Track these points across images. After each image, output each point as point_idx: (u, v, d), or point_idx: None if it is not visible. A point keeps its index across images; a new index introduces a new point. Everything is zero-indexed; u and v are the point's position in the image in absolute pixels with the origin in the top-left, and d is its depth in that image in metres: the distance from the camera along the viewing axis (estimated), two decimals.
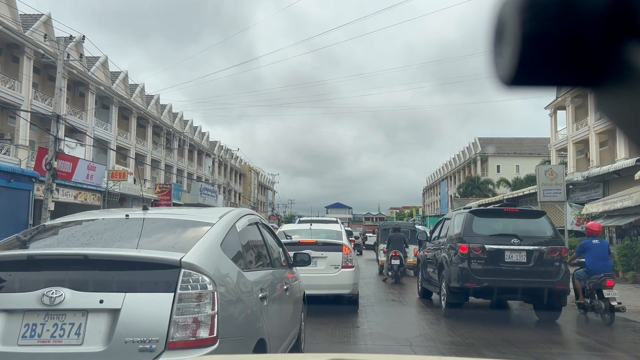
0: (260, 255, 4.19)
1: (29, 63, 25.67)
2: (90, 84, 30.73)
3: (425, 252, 10.89)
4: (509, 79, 0.47)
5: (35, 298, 2.60)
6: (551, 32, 0.45)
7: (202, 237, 3.10)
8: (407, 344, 6.50)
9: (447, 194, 62.25)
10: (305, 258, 5.29)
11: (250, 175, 69.22)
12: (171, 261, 2.72)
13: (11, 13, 24.35)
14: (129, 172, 31.06)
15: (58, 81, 17.81)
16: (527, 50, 0.45)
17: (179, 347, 2.58)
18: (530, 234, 8.43)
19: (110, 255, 2.86)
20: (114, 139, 33.56)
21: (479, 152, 56.69)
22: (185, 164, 47.09)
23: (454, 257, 8.49)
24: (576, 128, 33.18)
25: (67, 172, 21.37)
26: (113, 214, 3.88)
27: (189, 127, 49.15)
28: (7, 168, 13.49)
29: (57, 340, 2.57)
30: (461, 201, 34.60)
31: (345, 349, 6.20)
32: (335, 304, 8.49)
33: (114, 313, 2.58)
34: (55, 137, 17.31)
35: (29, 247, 3.01)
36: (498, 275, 8.12)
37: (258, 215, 4.84)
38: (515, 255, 8.14)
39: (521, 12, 0.45)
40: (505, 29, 0.47)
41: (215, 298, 2.71)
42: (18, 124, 24.81)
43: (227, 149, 60.63)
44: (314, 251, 7.71)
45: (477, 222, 8.63)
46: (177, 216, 3.81)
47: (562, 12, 0.44)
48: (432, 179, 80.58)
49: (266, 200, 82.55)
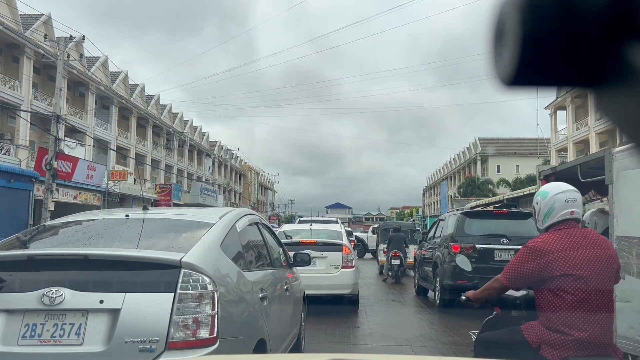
0: (260, 255, 4.19)
1: (29, 63, 25.68)
2: (90, 84, 30.73)
3: (422, 252, 11.31)
4: (509, 79, 0.47)
5: (36, 298, 2.60)
6: (551, 32, 0.45)
7: (202, 237, 3.10)
8: (407, 344, 6.50)
9: (447, 194, 62.24)
10: (305, 258, 5.29)
11: (250, 175, 69.23)
12: (171, 261, 2.72)
13: (11, 13, 24.36)
14: (129, 172, 31.07)
15: (58, 81, 17.81)
16: (527, 50, 0.45)
17: (179, 347, 2.58)
18: (519, 234, 8.84)
19: (110, 255, 2.86)
20: (114, 139, 33.56)
21: (479, 152, 56.70)
22: (185, 164, 47.10)
23: (447, 256, 8.96)
24: (576, 128, 33.20)
25: (67, 172, 21.37)
26: (113, 214, 3.88)
27: (189, 127, 49.16)
28: (7, 168, 13.49)
29: (57, 341, 2.58)
30: (461, 201, 34.58)
31: (345, 349, 6.20)
32: (335, 304, 8.50)
33: (114, 313, 2.58)
34: (55, 137, 17.31)
35: (29, 247, 3.01)
36: (488, 273, 8.39)
37: (258, 215, 4.84)
38: (504, 254, 8.65)
39: (521, 12, 0.45)
40: (505, 29, 0.47)
41: (215, 298, 2.71)
42: (18, 124, 24.82)
43: (227, 149, 60.64)
44: (314, 251, 7.70)
45: (468, 223, 9.18)
46: (177, 216, 3.81)
47: (562, 12, 0.44)
48: (432, 179, 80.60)
49: (266, 200, 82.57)
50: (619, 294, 4.21)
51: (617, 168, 4.22)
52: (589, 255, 2.51)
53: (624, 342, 4.13)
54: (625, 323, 4.10)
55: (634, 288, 3.99)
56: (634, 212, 4.01)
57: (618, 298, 4.23)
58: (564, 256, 2.49)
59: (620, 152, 4.22)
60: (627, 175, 4.10)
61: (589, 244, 2.55)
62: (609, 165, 4.33)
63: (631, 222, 4.03)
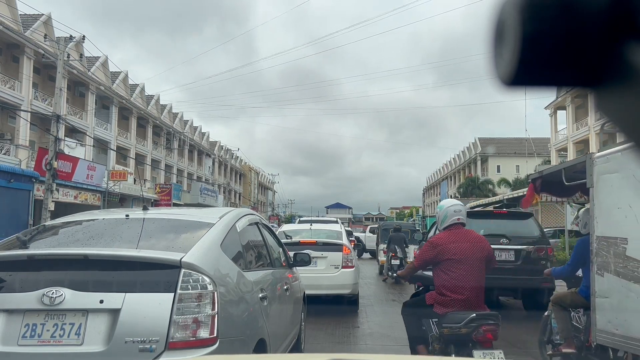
0: (260, 255, 4.19)
1: (29, 63, 25.68)
2: (90, 84, 30.73)
3: None
4: (509, 78, 0.47)
5: (36, 298, 2.60)
6: (551, 32, 0.45)
7: (202, 237, 3.10)
8: (407, 344, 6.48)
9: (447, 194, 62.20)
10: (305, 258, 5.29)
11: (250, 175, 69.23)
12: (171, 261, 2.72)
13: (11, 13, 24.36)
14: (129, 172, 31.06)
15: (58, 81, 17.81)
16: (527, 50, 0.45)
17: (179, 347, 2.58)
18: (518, 234, 8.85)
19: (110, 255, 2.86)
20: (114, 139, 33.56)
21: (479, 152, 56.69)
22: (185, 164, 47.10)
23: None
24: (576, 128, 33.21)
25: (67, 172, 21.36)
26: (113, 214, 3.88)
27: (189, 127, 49.15)
28: (7, 168, 13.48)
29: (57, 340, 2.58)
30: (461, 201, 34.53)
31: (345, 349, 6.20)
32: (335, 304, 8.49)
33: (114, 313, 2.58)
34: (55, 137, 17.31)
35: (29, 247, 3.01)
36: (487, 273, 8.50)
37: (258, 215, 4.84)
38: (504, 254, 8.58)
39: (521, 12, 0.45)
40: (505, 28, 0.47)
41: (215, 298, 2.71)
42: (18, 124, 24.82)
43: (227, 149, 60.64)
44: (314, 251, 7.70)
45: (468, 223, 8.99)
46: (177, 216, 3.81)
47: (562, 12, 0.44)
48: (432, 179, 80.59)
49: (266, 200, 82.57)
50: (598, 291, 4.35)
51: (597, 172, 4.43)
52: (465, 246, 3.86)
53: (603, 336, 4.27)
54: (604, 318, 4.27)
55: (611, 285, 4.18)
56: (611, 214, 4.23)
57: (597, 294, 4.36)
58: (449, 247, 3.84)
59: (600, 157, 4.44)
60: (606, 179, 4.32)
61: (466, 239, 3.93)
62: (589, 170, 4.54)
63: (609, 223, 4.26)
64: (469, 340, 3.59)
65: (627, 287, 3.95)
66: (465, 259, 3.78)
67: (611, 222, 4.23)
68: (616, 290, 4.11)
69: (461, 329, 3.59)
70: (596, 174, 4.44)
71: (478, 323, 3.56)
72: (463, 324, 3.57)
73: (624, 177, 4.10)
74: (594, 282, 4.40)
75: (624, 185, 4.08)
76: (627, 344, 3.98)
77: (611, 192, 4.25)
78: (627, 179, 4.05)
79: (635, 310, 3.89)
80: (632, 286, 3.90)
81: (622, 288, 4.01)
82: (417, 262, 4.05)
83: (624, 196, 4.05)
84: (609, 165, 4.28)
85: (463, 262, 3.77)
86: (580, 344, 4.85)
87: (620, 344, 4.07)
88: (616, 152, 4.23)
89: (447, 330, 3.66)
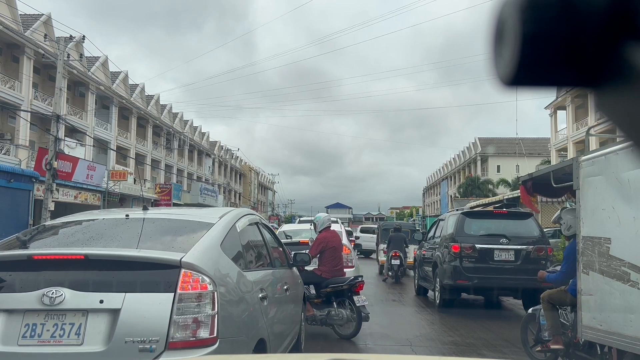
0: (260, 255, 4.19)
1: (29, 63, 25.66)
2: (90, 84, 30.73)
3: (422, 252, 11.33)
4: (509, 79, 0.47)
5: (36, 298, 2.60)
6: (551, 32, 0.45)
7: (202, 237, 3.10)
8: (407, 344, 6.50)
9: (447, 194, 62.20)
10: (305, 258, 5.30)
11: (250, 175, 69.22)
12: (171, 261, 2.72)
13: (11, 13, 24.35)
14: (129, 172, 31.07)
15: (58, 81, 17.81)
16: (527, 50, 0.45)
17: (179, 347, 2.58)
18: (518, 234, 8.91)
19: (110, 255, 2.86)
20: (114, 139, 33.55)
21: (479, 152, 56.67)
22: (185, 164, 47.09)
23: (447, 256, 8.99)
24: (576, 128, 33.20)
25: (67, 172, 21.37)
26: (113, 214, 3.88)
27: (189, 127, 49.15)
28: (7, 168, 13.47)
29: (57, 340, 2.58)
30: (461, 201, 34.54)
31: (345, 349, 6.20)
32: None
33: (114, 313, 2.58)
34: (55, 137, 17.31)
35: (29, 247, 3.01)
36: (488, 273, 8.65)
37: (258, 215, 4.85)
38: (504, 254, 8.69)
39: (521, 12, 0.45)
40: (505, 29, 0.47)
41: (215, 298, 2.71)
42: (18, 124, 24.81)
43: (227, 149, 60.63)
44: None
45: (468, 223, 9.19)
46: (177, 216, 3.81)
47: (562, 12, 0.44)
48: (432, 179, 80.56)
49: (266, 200, 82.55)
50: (584, 289, 4.47)
51: (583, 175, 4.59)
52: (334, 239, 6.86)
53: (588, 332, 4.40)
54: (589, 314, 4.41)
55: (596, 283, 4.32)
56: (596, 215, 4.38)
57: (582, 292, 4.48)
58: (328, 240, 6.76)
59: (585, 161, 4.59)
60: (591, 182, 4.49)
61: (333, 235, 6.93)
62: (576, 172, 4.70)
63: (594, 224, 4.41)
64: (348, 291, 6.46)
65: (610, 284, 4.11)
66: (335, 246, 6.82)
67: (596, 222, 4.38)
68: (600, 287, 4.26)
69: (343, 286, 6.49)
70: (582, 177, 4.60)
71: (353, 282, 6.51)
72: (346, 283, 6.51)
73: (607, 179, 4.27)
74: (580, 281, 4.53)
75: (608, 187, 4.26)
76: (610, 339, 4.14)
77: (596, 194, 4.41)
78: (610, 181, 4.22)
79: (617, 307, 4.05)
80: (614, 284, 4.05)
81: (606, 286, 4.17)
82: (312, 252, 6.34)
83: (608, 198, 4.22)
84: (594, 168, 4.44)
85: (334, 248, 6.80)
86: (568, 340, 4.99)
87: (604, 339, 4.23)
88: (600, 156, 4.37)
89: (330, 289, 6.51)
